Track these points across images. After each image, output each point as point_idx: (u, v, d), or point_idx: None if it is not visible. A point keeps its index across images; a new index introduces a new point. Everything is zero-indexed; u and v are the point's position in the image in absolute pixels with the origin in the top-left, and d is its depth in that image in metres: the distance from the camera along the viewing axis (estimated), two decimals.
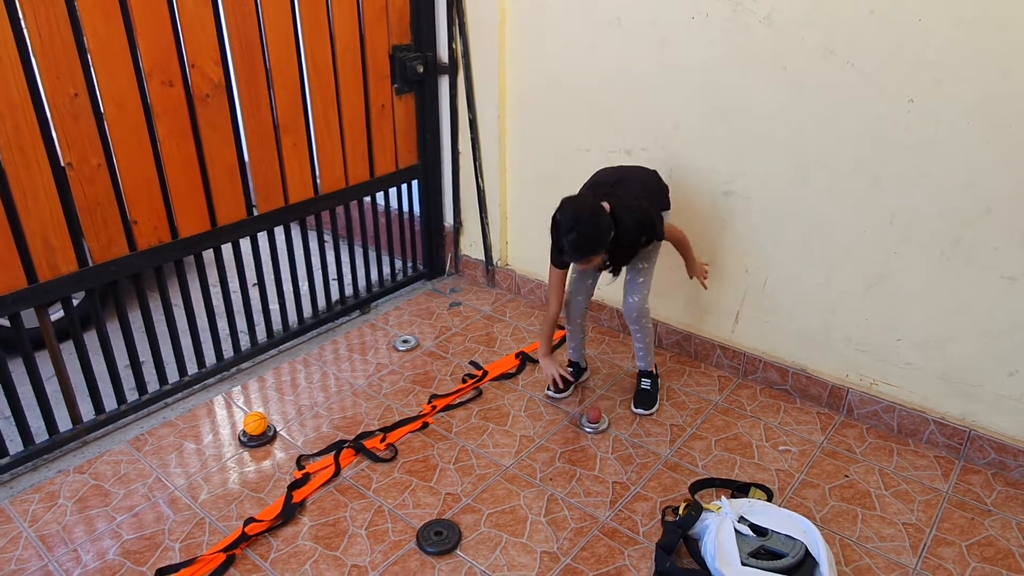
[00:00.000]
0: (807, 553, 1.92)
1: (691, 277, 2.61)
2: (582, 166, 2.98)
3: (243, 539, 2.04)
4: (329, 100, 2.87)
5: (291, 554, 2.02)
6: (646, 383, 2.68)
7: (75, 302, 2.79)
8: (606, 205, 2.20)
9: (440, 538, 2.07)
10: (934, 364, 2.41)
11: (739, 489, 2.25)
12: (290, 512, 2.14)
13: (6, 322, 2.41)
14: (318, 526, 2.12)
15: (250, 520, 2.10)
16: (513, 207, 3.39)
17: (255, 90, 2.60)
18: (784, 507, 2.14)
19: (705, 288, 2.69)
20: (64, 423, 2.45)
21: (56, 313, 2.85)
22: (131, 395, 2.61)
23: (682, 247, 2.53)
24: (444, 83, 3.29)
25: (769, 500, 2.19)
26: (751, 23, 2.38)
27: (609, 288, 3.15)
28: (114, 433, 2.52)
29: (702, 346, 2.93)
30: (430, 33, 3.17)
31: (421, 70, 3.16)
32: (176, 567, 1.96)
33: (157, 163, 2.39)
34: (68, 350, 2.53)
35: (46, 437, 2.40)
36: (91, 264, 2.32)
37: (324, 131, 2.89)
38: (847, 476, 2.33)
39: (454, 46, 3.19)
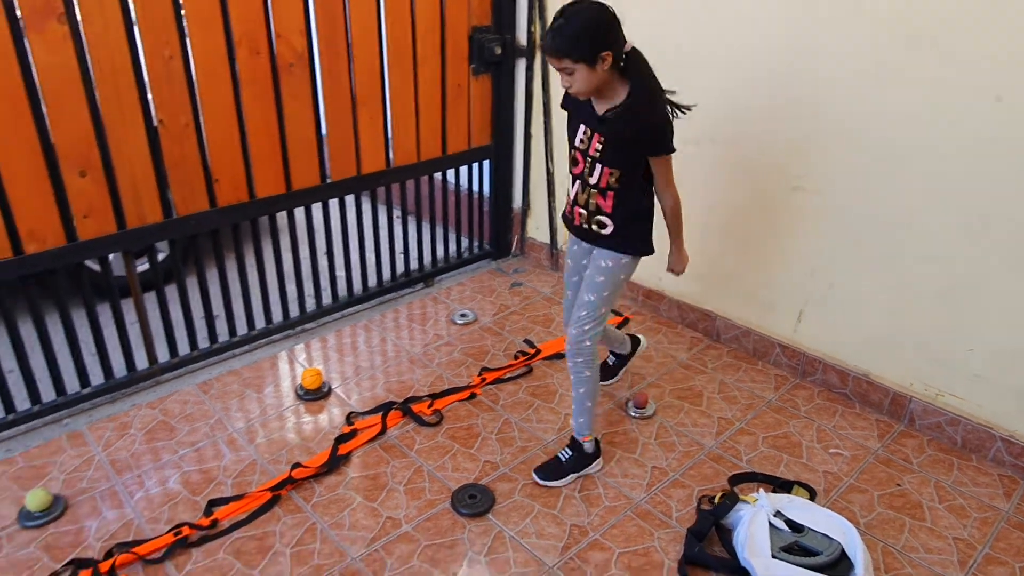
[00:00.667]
0: (843, 554, 1.87)
1: (668, 269, 2.22)
2: None
3: (289, 481, 2.15)
4: (407, 77, 2.96)
5: (332, 500, 2.12)
6: (563, 453, 2.21)
7: (159, 256, 2.99)
8: (629, 44, 1.84)
9: (474, 501, 2.12)
10: (1007, 379, 2.28)
11: (781, 486, 2.20)
12: (335, 462, 2.24)
13: (97, 267, 2.62)
14: (359, 478, 2.21)
15: (297, 465, 2.22)
16: None
17: (336, 63, 2.72)
18: (826, 508, 2.08)
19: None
20: (142, 363, 2.65)
21: (142, 266, 3.07)
22: (203, 343, 2.79)
23: (674, 219, 2.07)
24: (521, 66, 3.33)
25: (811, 500, 2.13)
26: (827, 10, 2.31)
27: (668, 278, 3.13)
28: (185, 376, 2.70)
29: (761, 343, 2.86)
30: (510, 15, 3.22)
31: (499, 52, 3.21)
32: (227, 500, 2.09)
33: (240, 126, 2.53)
34: (150, 300, 2.72)
35: (125, 373, 2.60)
36: (175, 216, 2.48)
37: (400, 106, 2.99)
38: (899, 485, 2.25)
39: (533, 29, 3.22)
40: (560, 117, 3.25)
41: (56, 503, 2.06)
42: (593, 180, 2.00)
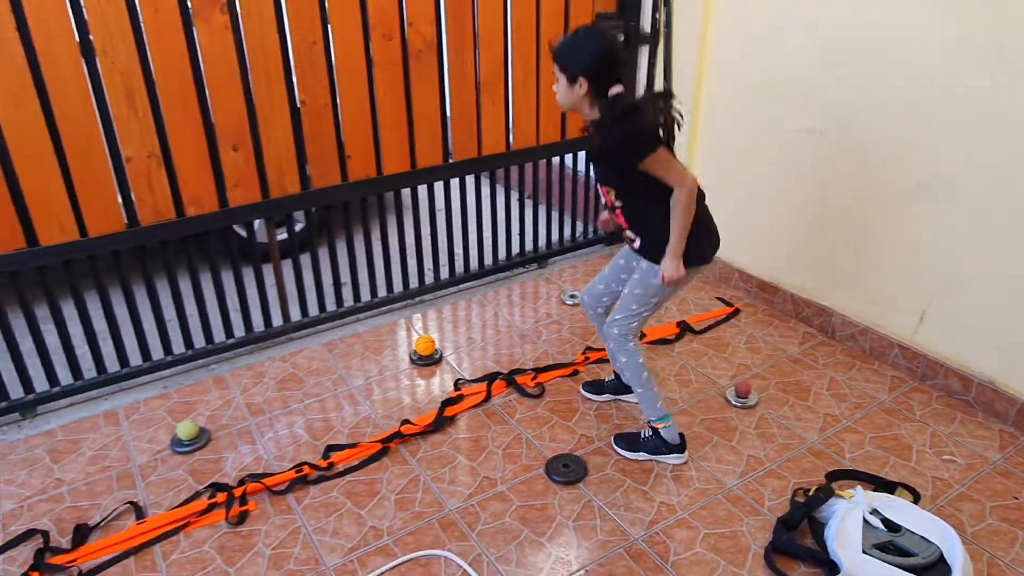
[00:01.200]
0: (941, 559, 1.81)
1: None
2: (770, 141, 2.93)
3: (397, 436, 2.34)
4: (530, 63, 3.07)
5: (434, 456, 2.29)
6: (645, 431, 2.26)
7: (296, 228, 3.28)
8: (619, 89, 1.87)
9: (567, 470, 2.21)
10: None
11: (884, 486, 2.14)
12: (441, 423, 2.40)
13: (243, 232, 2.93)
14: (461, 439, 2.36)
15: (406, 422, 2.40)
16: (699, 181, 3.38)
17: (462, 50, 2.86)
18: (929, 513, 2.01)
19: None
20: (277, 321, 2.94)
21: (281, 235, 3.38)
22: (331, 307, 3.04)
23: (675, 219, 1.94)
24: (644, 53, 3.35)
25: (914, 503, 2.06)
26: (972, 11, 2.19)
27: (778, 271, 3.07)
28: (313, 335, 2.97)
29: (879, 343, 2.76)
30: (635, 2, 3.24)
31: (622, 38, 3.25)
32: (342, 447, 2.31)
33: (372, 107, 2.74)
34: (287, 266, 3.00)
35: (262, 329, 2.89)
36: (311, 189, 2.73)
37: (522, 91, 3.10)
38: (1016, 499, 2.12)
39: (657, 16, 3.23)
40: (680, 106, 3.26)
41: (201, 435, 2.35)
42: (604, 201, 2.10)
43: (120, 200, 2.39)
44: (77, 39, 2.15)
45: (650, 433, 2.25)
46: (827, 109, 2.71)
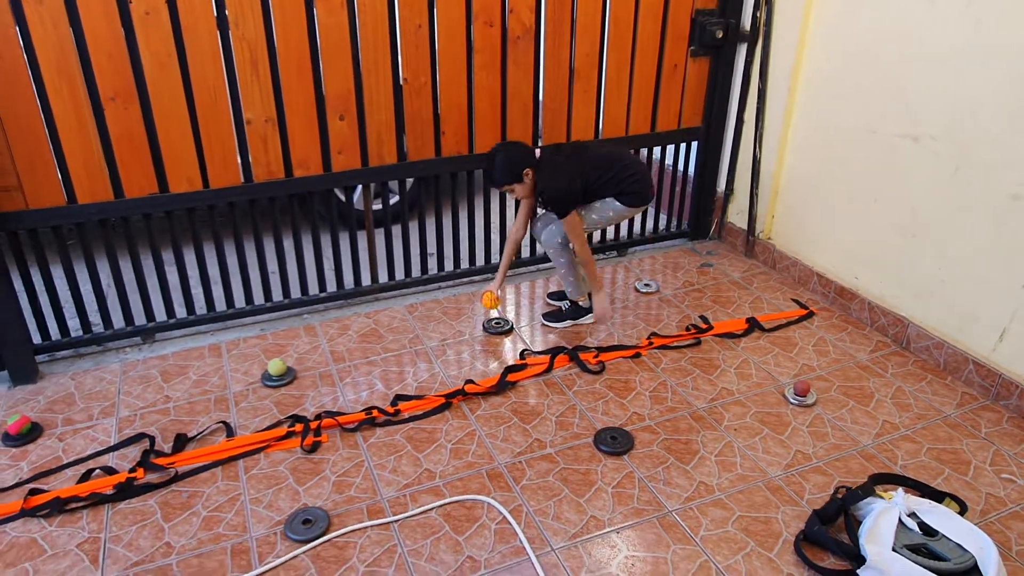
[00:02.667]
0: (974, 568, 1.81)
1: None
2: (865, 148, 2.91)
3: (460, 393, 2.52)
4: (624, 54, 3.17)
5: (493, 415, 2.45)
6: (564, 304, 3.02)
7: (391, 200, 3.52)
8: (529, 172, 2.68)
9: (615, 442, 2.33)
10: None
11: (931, 495, 2.13)
12: (503, 387, 2.57)
13: (343, 197, 3.18)
14: (519, 403, 2.52)
15: (470, 382, 2.58)
16: (786, 182, 3.38)
17: (559, 38, 3.00)
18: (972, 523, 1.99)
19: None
20: (365, 281, 3.19)
21: (376, 205, 3.63)
22: (415, 273, 3.26)
23: (585, 267, 2.89)
24: (742, 51, 3.37)
25: (960, 514, 2.04)
26: None
27: (859, 277, 3.04)
28: (397, 297, 3.20)
29: (953, 357, 2.70)
30: (736, 0, 3.27)
31: (720, 35, 3.29)
32: (409, 397, 2.52)
33: (469, 88, 2.92)
34: (379, 233, 3.24)
35: (352, 287, 3.15)
36: (407, 160, 2.95)
37: (614, 81, 3.20)
38: None
39: (758, 15, 3.25)
40: (774, 106, 3.27)
41: (289, 373, 2.62)
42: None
43: (239, 158, 2.69)
44: (215, 12, 2.45)
45: (568, 304, 2.97)
46: (924, 115, 2.67)
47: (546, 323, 2.97)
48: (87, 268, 2.69)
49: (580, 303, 2.97)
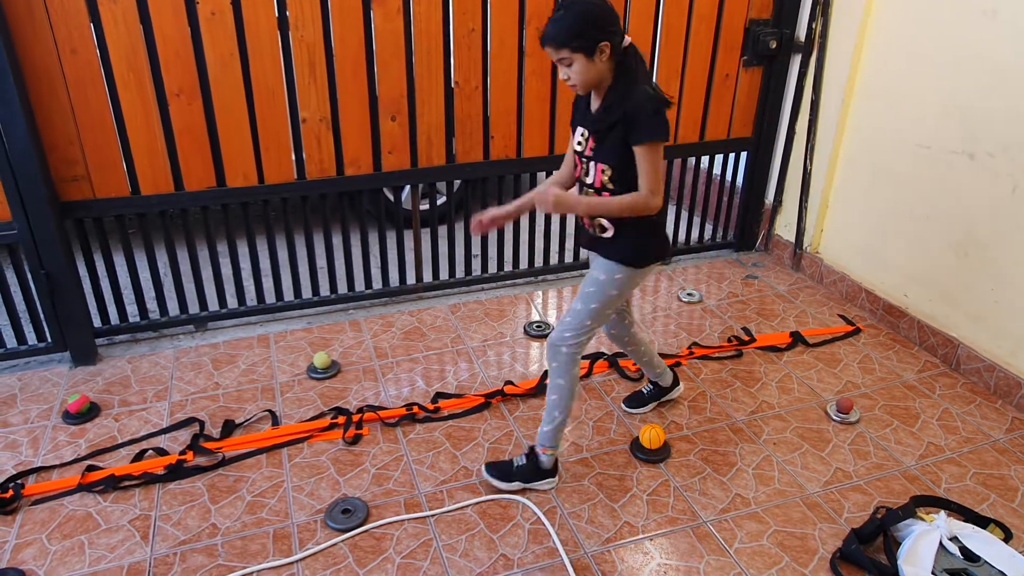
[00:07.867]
0: None
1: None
2: (919, 163, 2.86)
3: (499, 394, 2.55)
4: (675, 61, 3.17)
5: (530, 417, 2.48)
6: (518, 459, 2.14)
7: (439, 201, 3.58)
8: (629, 39, 1.81)
9: (652, 451, 2.33)
10: None
11: (974, 520, 2.08)
12: (542, 389, 2.59)
13: (391, 196, 3.26)
14: None
15: (509, 383, 2.61)
16: (836, 196, 3.34)
17: None
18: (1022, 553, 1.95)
19: None
20: (411, 280, 3.25)
21: (424, 206, 3.69)
22: (459, 274, 3.31)
23: (618, 202, 1.88)
24: (795, 62, 3.34)
25: (1005, 541, 2.00)
26: None
27: (909, 295, 2.99)
28: (440, 297, 3.25)
29: (1006, 381, 2.63)
30: (792, 11, 3.24)
31: (774, 46, 3.26)
32: (449, 395, 2.56)
33: (519, 93, 2.95)
34: (425, 233, 3.30)
35: (397, 285, 3.21)
36: (455, 162, 2.99)
37: (664, 88, 3.18)
38: None
39: (814, 26, 3.21)
40: (827, 118, 3.23)
41: (333, 366, 2.69)
42: (589, 180, 1.95)
43: (293, 155, 2.77)
44: (276, 15, 2.53)
45: (523, 461, 2.14)
46: (981, 132, 2.61)
47: (485, 476, 2.16)
48: (146, 257, 2.81)
49: (542, 458, 2.13)
